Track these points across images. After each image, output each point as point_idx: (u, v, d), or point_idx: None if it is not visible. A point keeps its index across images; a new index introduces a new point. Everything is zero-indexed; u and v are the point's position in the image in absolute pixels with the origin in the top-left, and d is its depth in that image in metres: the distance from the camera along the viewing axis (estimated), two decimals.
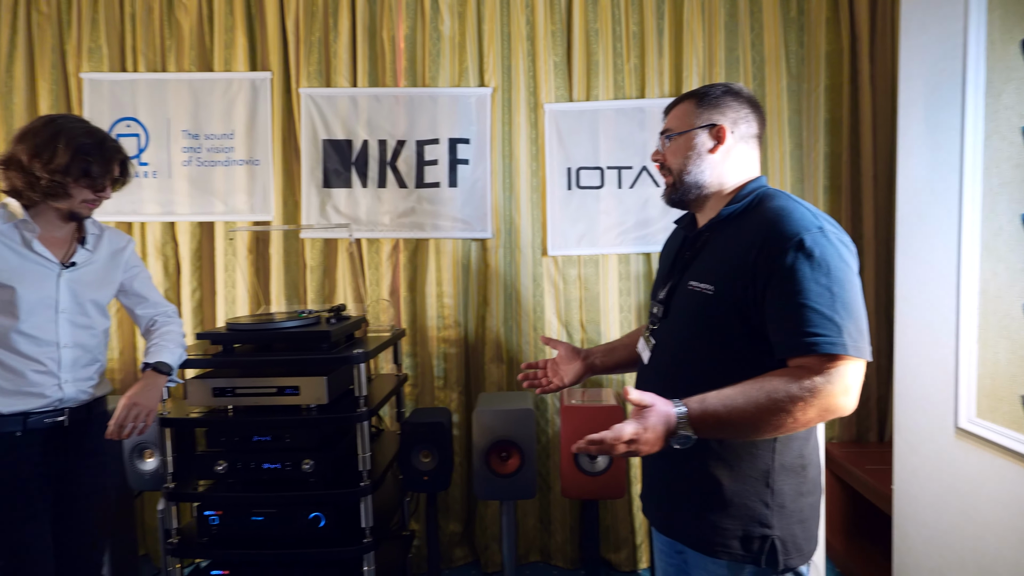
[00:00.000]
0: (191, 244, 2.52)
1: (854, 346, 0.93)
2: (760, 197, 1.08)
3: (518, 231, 2.51)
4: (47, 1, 2.48)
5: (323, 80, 2.50)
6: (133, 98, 2.50)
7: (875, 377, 2.44)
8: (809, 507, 1.06)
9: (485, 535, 2.49)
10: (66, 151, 1.39)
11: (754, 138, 1.14)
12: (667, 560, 1.21)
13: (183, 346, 1.68)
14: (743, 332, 1.01)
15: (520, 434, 1.82)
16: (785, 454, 1.03)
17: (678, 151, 1.14)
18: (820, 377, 0.92)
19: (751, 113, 1.13)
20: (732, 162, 1.12)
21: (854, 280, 0.98)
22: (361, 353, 1.74)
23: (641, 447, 0.92)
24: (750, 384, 0.95)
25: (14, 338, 1.42)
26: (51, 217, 1.47)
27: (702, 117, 1.12)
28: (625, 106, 2.47)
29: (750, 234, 1.02)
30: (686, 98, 1.16)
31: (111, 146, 1.48)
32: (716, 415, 0.93)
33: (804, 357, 0.94)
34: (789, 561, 1.02)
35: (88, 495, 1.56)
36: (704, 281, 1.06)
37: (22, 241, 1.43)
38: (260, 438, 1.76)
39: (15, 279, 1.40)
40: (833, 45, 2.41)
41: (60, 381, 1.48)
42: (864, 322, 0.97)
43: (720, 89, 1.13)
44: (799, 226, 0.98)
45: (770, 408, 0.93)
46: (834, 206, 2.43)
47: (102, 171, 1.44)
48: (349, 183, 2.51)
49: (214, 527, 1.77)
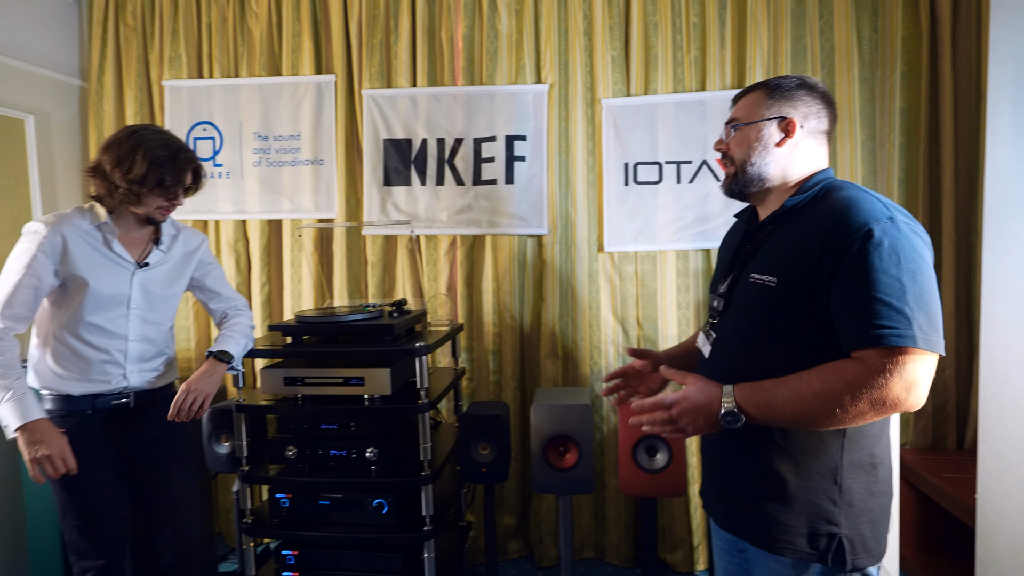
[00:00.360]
0: (261, 241, 2.65)
1: (924, 339, 0.90)
2: (827, 188, 1.05)
3: (574, 227, 2.51)
4: (133, 14, 2.66)
5: (384, 81, 2.57)
6: (209, 103, 2.65)
7: (954, 381, 2.31)
8: (879, 507, 1.03)
9: (539, 529, 2.50)
10: (143, 163, 1.48)
11: (824, 134, 1.11)
12: (727, 559, 1.19)
13: (249, 337, 1.78)
14: (807, 325, 0.99)
15: (577, 429, 1.82)
16: (854, 452, 1.00)
17: (743, 142, 1.12)
18: (882, 369, 0.89)
19: (823, 108, 1.10)
20: (799, 156, 1.09)
21: (928, 272, 0.94)
22: (423, 346, 1.79)
23: (683, 417, 0.98)
24: (807, 371, 0.95)
25: (86, 329, 1.53)
26: (130, 220, 1.58)
27: (772, 109, 1.10)
28: (685, 99, 2.42)
29: (815, 225, 1.00)
30: (757, 88, 1.13)
31: (184, 157, 1.56)
32: (764, 394, 0.95)
33: (869, 349, 0.91)
34: (857, 561, 0.99)
35: (160, 469, 1.66)
36: (766, 273, 1.04)
37: (103, 241, 1.54)
38: (327, 426, 1.84)
39: (92, 275, 1.51)
40: (911, 29, 2.28)
41: (125, 371, 1.59)
42: (937, 315, 0.93)
43: (794, 81, 1.10)
44: (868, 216, 0.95)
45: (823, 396, 0.92)
46: (910, 199, 2.31)
47: (174, 181, 1.53)
48: (408, 181, 2.57)
49: (285, 509, 1.86)
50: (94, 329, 1.53)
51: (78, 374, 1.54)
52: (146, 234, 1.63)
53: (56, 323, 1.53)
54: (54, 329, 1.53)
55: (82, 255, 1.50)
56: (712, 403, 0.99)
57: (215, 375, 1.60)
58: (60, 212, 1.54)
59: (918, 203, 2.30)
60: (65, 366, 1.53)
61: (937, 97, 2.30)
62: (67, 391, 1.53)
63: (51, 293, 1.52)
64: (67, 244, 1.49)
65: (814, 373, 0.94)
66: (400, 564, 1.82)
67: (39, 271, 1.46)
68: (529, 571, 2.49)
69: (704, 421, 0.99)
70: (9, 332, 1.46)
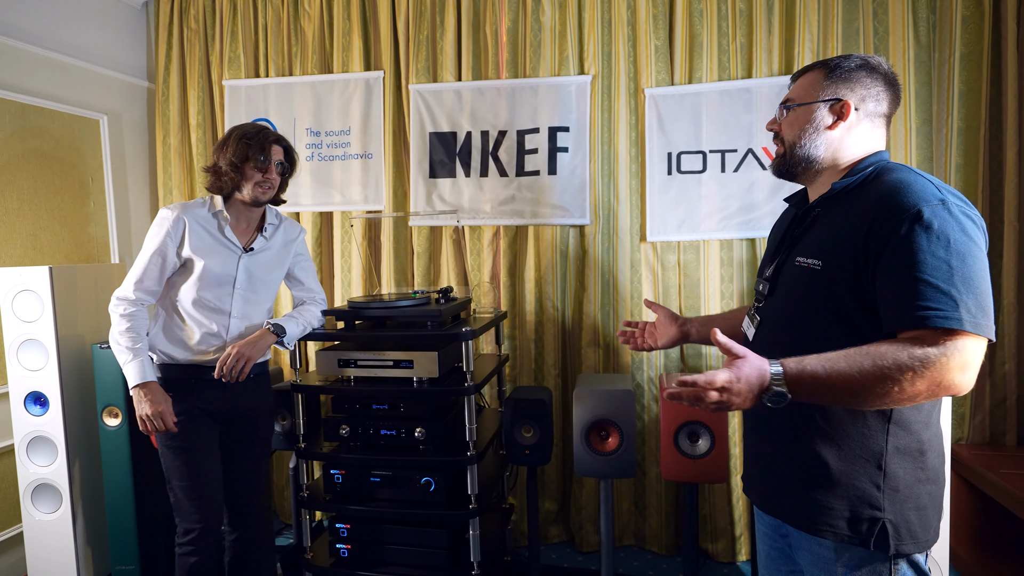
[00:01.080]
0: (313, 232, 2.77)
1: (972, 322, 0.88)
2: (879, 171, 1.03)
3: (616, 217, 2.52)
4: (195, 18, 2.82)
5: (430, 76, 2.64)
6: (265, 101, 2.78)
7: (1015, 375, 2.22)
8: (928, 495, 1.00)
9: (580, 515, 2.54)
10: (235, 142, 1.71)
11: (882, 116, 1.08)
12: (771, 544, 1.19)
13: (310, 324, 1.90)
14: (853, 309, 0.97)
15: (619, 414, 1.85)
16: (900, 437, 0.99)
17: (795, 123, 1.10)
18: (934, 349, 0.87)
19: (884, 91, 1.07)
20: (852, 139, 1.07)
21: (978, 256, 0.91)
22: (469, 331, 1.85)
23: (733, 398, 0.90)
24: (856, 349, 0.91)
25: (196, 303, 1.72)
26: (239, 208, 1.77)
27: (828, 90, 1.07)
28: (730, 87, 2.40)
29: (864, 207, 0.97)
30: (816, 67, 1.10)
31: (267, 132, 1.75)
32: (814, 375, 0.89)
33: (916, 331, 0.90)
34: (901, 546, 0.98)
35: (246, 443, 1.81)
36: (812, 256, 1.03)
37: (218, 227, 1.74)
38: (378, 406, 1.92)
39: (207, 256, 1.70)
40: (972, 9, 2.20)
41: (225, 345, 1.73)
42: (987, 299, 0.90)
43: (855, 61, 1.07)
44: (918, 197, 0.92)
45: (875, 375, 0.88)
46: (968, 186, 2.23)
47: (260, 151, 1.71)
48: (453, 173, 2.64)
49: (338, 485, 1.96)
50: (203, 304, 1.72)
51: (184, 343, 1.72)
52: (253, 223, 1.82)
53: (171, 297, 1.73)
54: (170, 302, 1.73)
55: (199, 238, 1.70)
56: (763, 383, 0.91)
57: (262, 342, 1.74)
58: (184, 202, 1.76)
59: (977, 190, 2.22)
60: (174, 336, 1.72)
61: (1000, 80, 2.20)
62: (174, 358, 1.70)
63: (173, 271, 1.72)
64: (187, 228, 1.69)
65: (864, 352, 0.90)
66: (446, 540, 1.90)
67: (165, 251, 1.68)
68: (570, 555, 2.53)
69: (749, 401, 0.92)
70: (141, 303, 1.69)
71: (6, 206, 2.30)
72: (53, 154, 2.49)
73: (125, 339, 1.65)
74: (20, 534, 2.30)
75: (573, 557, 2.52)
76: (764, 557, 1.22)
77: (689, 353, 2.49)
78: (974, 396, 2.26)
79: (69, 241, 2.55)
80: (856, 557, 1.00)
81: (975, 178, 2.22)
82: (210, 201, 1.76)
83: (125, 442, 2.19)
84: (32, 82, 2.41)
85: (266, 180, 1.73)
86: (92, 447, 2.25)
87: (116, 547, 2.23)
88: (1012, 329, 2.21)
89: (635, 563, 2.46)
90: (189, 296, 1.71)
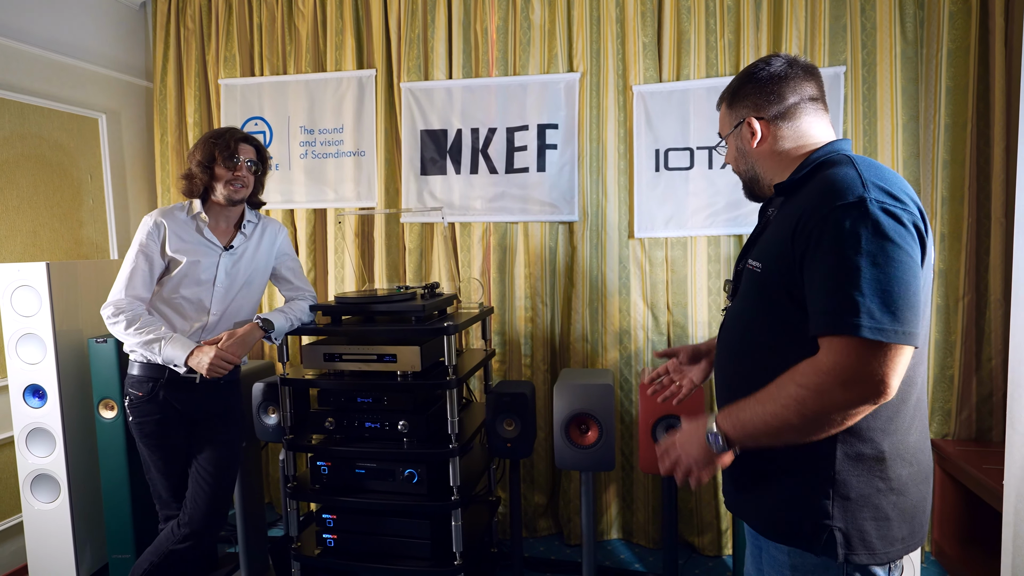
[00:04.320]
0: (307, 229, 2.81)
1: (873, 328, 0.84)
2: (821, 164, 1.01)
3: (605, 214, 2.54)
4: (192, 18, 2.86)
5: (422, 74, 2.67)
6: (259, 99, 2.83)
7: (1002, 371, 2.21)
8: (892, 505, 0.96)
9: (568, 508, 2.57)
10: (202, 144, 1.77)
11: (795, 107, 1.06)
12: (752, 542, 1.20)
13: (298, 319, 1.95)
14: (792, 309, 0.96)
15: (599, 408, 1.87)
16: (853, 444, 0.95)
17: (730, 156, 1.17)
18: (825, 363, 0.88)
19: (779, 85, 1.06)
20: (782, 142, 1.07)
21: (897, 257, 0.86)
22: (451, 326, 1.88)
23: (681, 458, 1.04)
24: (774, 382, 0.95)
25: (178, 300, 1.77)
26: (217, 210, 1.83)
27: (733, 118, 1.12)
28: (718, 84, 2.40)
29: (796, 205, 0.97)
30: (721, 101, 1.16)
31: (232, 130, 1.81)
32: (738, 412, 0.98)
33: (823, 337, 0.89)
34: (853, 556, 0.95)
35: (217, 444, 1.83)
36: (757, 259, 1.04)
37: (196, 228, 1.80)
38: (363, 399, 1.96)
39: (189, 255, 1.76)
40: (959, 5, 2.19)
41: (201, 341, 1.78)
42: (903, 304, 0.85)
43: (737, 80, 1.12)
44: (837, 195, 0.90)
45: (785, 404, 0.92)
46: (955, 182, 2.22)
47: (224, 148, 1.75)
48: (444, 170, 2.67)
49: (324, 476, 2.00)
50: (184, 302, 1.78)
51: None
52: (232, 223, 1.87)
53: (155, 296, 1.78)
54: (152, 302, 1.78)
55: (179, 239, 1.76)
56: (699, 430, 1.02)
57: (250, 337, 1.79)
58: (164, 207, 1.83)
59: (964, 186, 2.22)
60: None
61: (987, 75, 2.20)
62: (151, 358, 1.73)
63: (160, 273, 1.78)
64: (167, 230, 1.76)
65: (776, 383, 0.94)
66: (430, 530, 1.93)
67: (149, 254, 1.75)
68: (558, 548, 2.56)
69: (697, 450, 1.02)
70: (136, 303, 1.73)
71: (6, 204, 2.36)
72: (52, 153, 2.55)
73: (141, 334, 1.67)
74: (20, 523, 2.36)
75: (561, 550, 2.55)
76: (748, 554, 1.23)
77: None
78: (961, 392, 2.26)
79: (68, 238, 2.61)
80: (807, 562, 0.99)
81: (962, 174, 2.22)
82: (188, 205, 1.82)
83: (120, 434, 2.24)
84: (31, 82, 2.46)
85: (236, 178, 1.77)
86: (89, 438, 2.31)
87: (113, 535, 2.29)
88: (999, 325, 2.21)
89: (622, 556, 2.48)
90: (170, 295, 1.77)
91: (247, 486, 2.26)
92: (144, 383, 1.75)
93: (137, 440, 1.79)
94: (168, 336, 1.70)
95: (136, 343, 1.70)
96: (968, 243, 2.23)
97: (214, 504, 1.79)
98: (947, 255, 2.25)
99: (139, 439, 1.78)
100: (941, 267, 2.26)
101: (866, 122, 2.31)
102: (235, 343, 1.75)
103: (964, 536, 2.21)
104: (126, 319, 1.69)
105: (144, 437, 1.76)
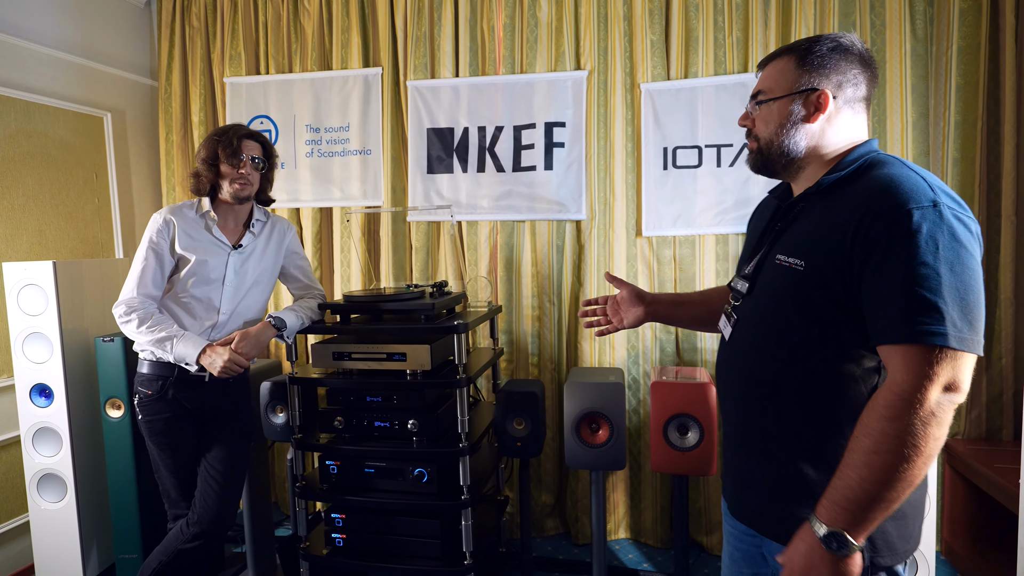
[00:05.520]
0: (313, 227, 2.80)
1: (957, 336, 0.82)
2: (868, 163, 0.95)
3: (612, 212, 2.53)
4: (197, 16, 2.85)
5: (428, 72, 2.66)
6: (265, 98, 2.82)
7: (1012, 370, 2.21)
8: (909, 504, 0.95)
9: (576, 508, 2.56)
10: (207, 142, 1.76)
11: (862, 101, 1.00)
12: (736, 545, 1.15)
13: (309, 317, 1.94)
14: (834, 313, 0.92)
15: (609, 406, 1.86)
16: None
17: (769, 118, 1.02)
18: (901, 390, 0.83)
19: (861, 73, 0.99)
20: (834, 129, 0.99)
21: (970, 263, 0.85)
22: (461, 324, 1.87)
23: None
24: (854, 437, 0.87)
25: (187, 299, 1.76)
26: (225, 208, 1.83)
27: (802, 79, 0.99)
28: (726, 82, 2.39)
29: (851, 205, 0.91)
30: (784, 53, 1.02)
31: (236, 127, 1.81)
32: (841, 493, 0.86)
33: (896, 346, 0.85)
34: (877, 559, 0.93)
35: (227, 443, 1.82)
36: (794, 255, 0.97)
37: (205, 227, 1.79)
38: (372, 398, 1.95)
39: (196, 254, 1.75)
40: (969, 2, 2.18)
41: (212, 340, 1.77)
42: (976, 312, 0.85)
43: (827, 44, 0.99)
44: (909, 198, 0.85)
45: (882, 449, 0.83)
46: (965, 180, 2.21)
47: (228, 145, 1.75)
48: (451, 169, 2.66)
49: (333, 475, 1.99)
50: (194, 300, 1.77)
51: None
52: (240, 221, 1.87)
53: (165, 296, 1.78)
54: (163, 301, 1.77)
55: (188, 237, 1.76)
56: (812, 547, 0.88)
57: (263, 336, 1.79)
58: (173, 204, 1.81)
59: (974, 184, 2.21)
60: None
61: (998, 73, 2.19)
62: (160, 356, 1.72)
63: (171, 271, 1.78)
64: (176, 228, 1.75)
65: (858, 431, 0.87)
66: (439, 530, 1.92)
67: (159, 252, 1.74)
68: (565, 547, 2.55)
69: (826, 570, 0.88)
70: (147, 302, 1.73)
71: (12, 203, 2.35)
72: (58, 151, 2.54)
73: (153, 332, 1.67)
74: (27, 523, 2.35)
75: (569, 549, 2.54)
76: (727, 557, 1.18)
77: (684, 348, 2.50)
78: (970, 391, 2.24)
79: (74, 237, 2.60)
80: None
81: (972, 172, 2.21)
82: (197, 203, 1.82)
83: (128, 433, 2.23)
84: (37, 80, 2.45)
85: (241, 176, 1.76)
86: (95, 438, 2.30)
87: (119, 535, 2.28)
88: (1009, 324, 2.20)
89: (630, 556, 2.47)
90: (180, 294, 1.76)
91: (254, 485, 2.25)
92: (153, 381, 1.74)
93: (146, 439, 1.78)
94: (180, 334, 1.70)
95: (148, 341, 1.69)
96: None
97: (223, 503, 1.78)
98: None
99: (148, 438, 1.77)
100: None
101: (875, 120, 2.30)
102: (248, 343, 1.74)
103: (975, 536, 2.20)
104: (138, 317, 1.68)
105: (153, 436, 1.76)
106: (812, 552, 0.88)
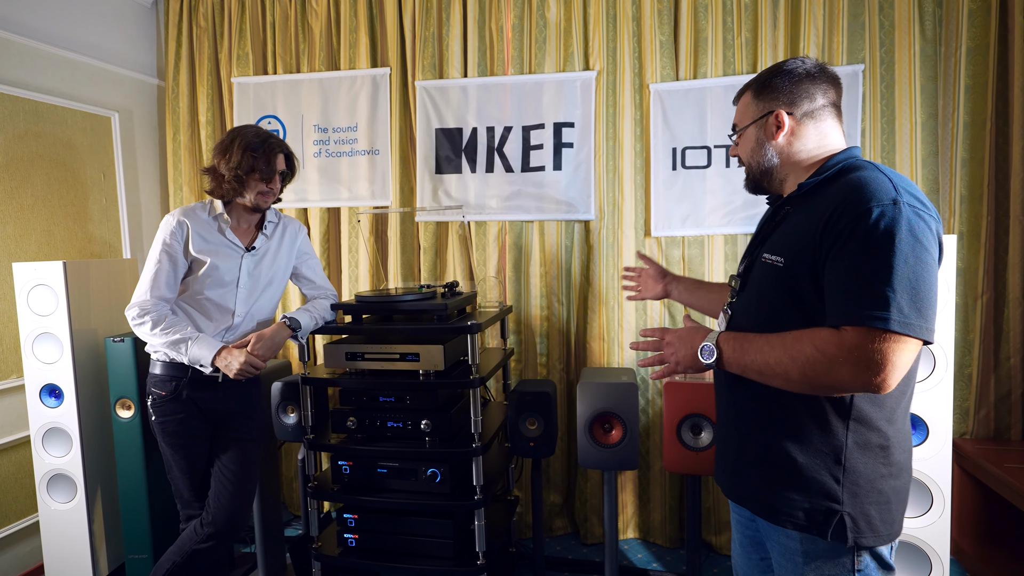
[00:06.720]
0: (320, 228, 2.80)
1: (901, 322, 0.89)
2: (844, 168, 1.05)
3: (621, 212, 2.54)
4: (204, 16, 2.85)
5: (436, 72, 2.66)
6: (273, 98, 2.81)
7: (1021, 370, 2.22)
8: (892, 490, 1.03)
9: (584, 507, 2.57)
10: (239, 151, 1.73)
11: (822, 109, 1.11)
12: (742, 531, 1.24)
13: (322, 317, 1.95)
14: (813, 304, 1.00)
15: (622, 407, 1.87)
16: (862, 433, 1.01)
17: (744, 145, 1.18)
18: (853, 345, 0.91)
19: (812, 86, 1.11)
20: (802, 140, 1.11)
21: (924, 258, 0.92)
22: (474, 324, 1.87)
23: (668, 348, 1.13)
24: (790, 332, 0.99)
25: (202, 302, 1.76)
26: (240, 211, 1.83)
27: (760, 106, 1.14)
28: (735, 82, 2.40)
29: (824, 203, 1.00)
30: (745, 89, 1.18)
31: (273, 142, 1.78)
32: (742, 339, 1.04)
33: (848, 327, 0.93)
34: (861, 539, 1.00)
35: (240, 443, 1.82)
36: (776, 253, 1.06)
37: (218, 229, 1.79)
38: (385, 399, 1.95)
39: (210, 256, 1.75)
40: (978, 3, 2.19)
41: (227, 342, 1.77)
42: (926, 302, 0.91)
43: (769, 72, 1.14)
44: (872, 196, 0.94)
45: (790, 355, 0.96)
46: (974, 180, 2.22)
47: (266, 163, 1.75)
48: (459, 169, 2.66)
49: (346, 475, 1.99)
50: (208, 303, 1.76)
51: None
52: (253, 223, 1.87)
53: (179, 298, 1.77)
54: (177, 303, 1.77)
55: (202, 239, 1.75)
56: (696, 337, 1.09)
57: (279, 337, 1.79)
58: (185, 206, 1.80)
59: (983, 184, 2.21)
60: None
61: (1006, 74, 2.20)
62: (175, 357, 1.72)
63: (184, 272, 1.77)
64: (190, 230, 1.74)
65: (791, 334, 0.98)
66: (452, 530, 1.93)
67: (172, 254, 1.73)
68: (574, 547, 2.56)
69: (685, 352, 1.10)
70: (161, 304, 1.72)
71: (21, 203, 2.34)
72: (66, 151, 2.53)
73: (168, 334, 1.67)
74: (36, 523, 2.35)
75: (578, 549, 2.54)
76: (737, 545, 1.27)
77: None
78: (979, 390, 2.26)
79: (82, 237, 2.59)
80: (819, 548, 1.03)
81: (981, 172, 2.22)
82: (210, 205, 1.81)
83: (138, 433, 2.23)
84: (45, 80, 2.45)
85: (269, 189, 1.78)
86: (106, 438, 2.30)
87: (130, 535, 2.28)
88: (1017, 323, 2.21)
89: (639, 555, 2.48)
90: (193, 297, 1.76)
91: (264, 485, 2.25)
92: (167, 382, 1.74)
93: (159, 440, 1.78)
94: (194, 336, 1.69)
95: (162, 344, 1.69)
96: (987, 242, 2.23)
97: (237, 503, 1.78)
98: (966, 253, 2.25)
99: (161, 439, 1.77)
100: (960, 265, 2.25)
101: (884, 120, 2.31)
102: (264, 345, 1.75)
103: (984, 535, 2.21)
104: (152, 320, 1.68)
105: (167, 436, 1.75)
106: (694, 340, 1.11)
